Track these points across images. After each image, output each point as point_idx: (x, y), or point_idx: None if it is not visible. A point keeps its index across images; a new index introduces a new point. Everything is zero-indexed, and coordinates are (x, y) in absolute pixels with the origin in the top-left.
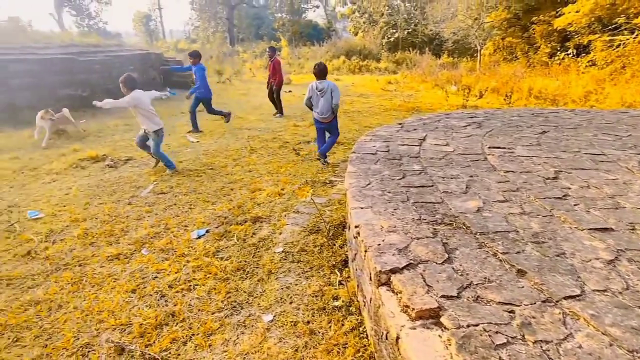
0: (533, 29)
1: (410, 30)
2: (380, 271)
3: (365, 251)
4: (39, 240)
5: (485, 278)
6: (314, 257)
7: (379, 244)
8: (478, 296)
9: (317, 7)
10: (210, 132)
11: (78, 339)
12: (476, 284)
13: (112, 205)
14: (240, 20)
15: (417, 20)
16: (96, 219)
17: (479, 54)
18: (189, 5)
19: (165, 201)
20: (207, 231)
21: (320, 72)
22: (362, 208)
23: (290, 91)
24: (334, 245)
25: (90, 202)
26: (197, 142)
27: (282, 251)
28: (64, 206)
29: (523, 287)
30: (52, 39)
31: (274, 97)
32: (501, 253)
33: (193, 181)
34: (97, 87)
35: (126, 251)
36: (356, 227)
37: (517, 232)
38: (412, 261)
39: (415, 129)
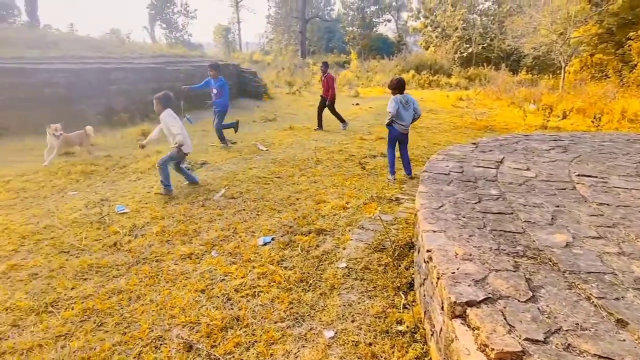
0: (629, 45)
1: (485, 45)
2: (454, 302)
3: (438, 278)
4: (124, 234)
5: (577, 324)
6: (377, 277)
7: (454, 272)
8: (569, 344)
9: (389, 21)
10: (279, 141)
11: (152, 330)
12: (566, 330)
13: (187, 206)
14: (312, 33)
15: (493, 35)
16: (172, 218)
17: (562, 71)
18: (265, 19)
19: (234, 206)
20: (273, 239)
21: (402, 86)
22: (434, 231)
23: (357, 104)
24: (399, 266)
25: (168, 201)
26: (267, 150)
27: (346, 267)
28: (146, 203)
29: (624, 340)
30: (145, 49)
31: (331, 112)
32: (596, 297)
33: (261, 188)
34: (180, 94)
35: (198, 251)
36: (428, 251)
37: (615, 275)
38: (490, 295)
39: (491, 150)
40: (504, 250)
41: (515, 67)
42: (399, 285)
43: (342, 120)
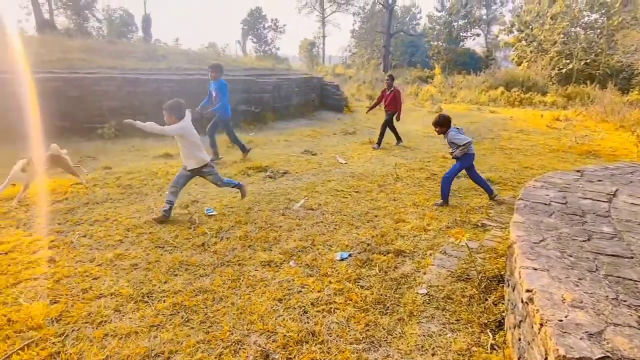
0: None
1: (588, 60)
2: (563, 356)
3: (541, 324)
4: (211, 235)
5: None
6: (461, 308)
7: (561, 320)
8: None
9: (478, 35)
10: (358, 155)
11: (232, 333)
12: None
13: (269, 214)
14: (395, 47)
15: (599, 50)
16: (255, 224)
17: None
18: (349, 34)
19: (313, 217)
20: (350, 255)
21: (449, 122)
22: (535, 269)
23: None
24: (486, 300)
25: (251, 207)
26: (346, 163)
27: (426, 293)
28: (232, 208)
29: None
30: (238, 62)
31: (389, 127)
32: None
33: (339, 202)
34: (267, 105)
35: (277, 260)
36: (528, 291)
37: None
38: (609, 354)
39: (600, 180)
40: (624, 301)
41: (626, 86)
42: (486, 322)
43: (398, 138)
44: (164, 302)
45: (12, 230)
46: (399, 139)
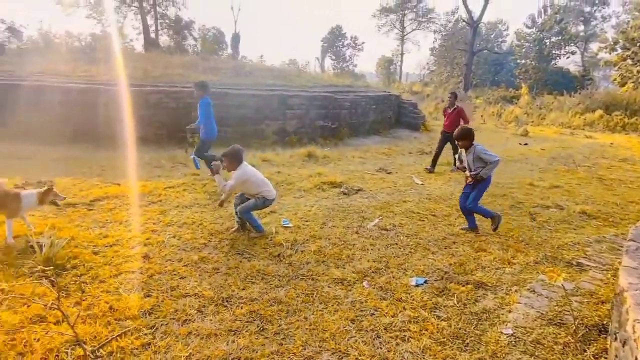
0: None
1: None
2: None
3: None
4: (286, 247)
5: None
6: (554, 357)
7: None
8: None
9: (573, 53)
10: (436, 175)
11: (305, 349)
12: None
13: (342, 230)
14: (477, 65)
15: None
16: (328, 239)
17: None
18: (429, 51)
19: (387, 238)
20: (426, 281)
21: (472, 136)
22: None
23: (525, 144)
24: (585, 351)
25: (325, 222)
26: (422, 184)
27: (512, 334)
28: (307, 221)
29: None
30: (318, 79)
31: (453, 148)
32: None
33: (415, 224)
34: (343, 121)
35: (350, 278)
36: None
37: None
38: None
39: None
40: None
41: None
42: None
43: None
44: (242, 308)
45: (116, 226)
46: (433, 165)
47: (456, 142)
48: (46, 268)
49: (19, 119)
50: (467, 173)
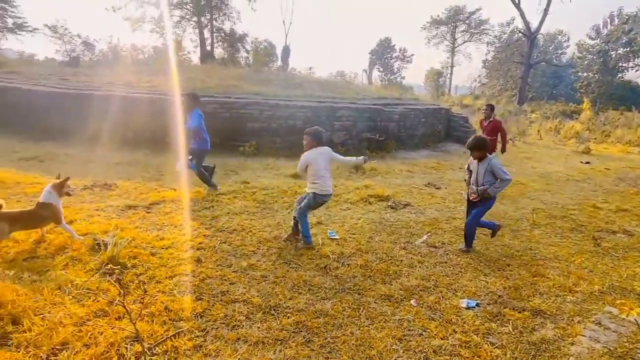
0: None
1: None
2: None
3: None
4: (333, 259)
5: None
6: None
7: None
8: None
9: None
10: None
11: None
12: None
13: (389, 245)
14: (533, 78)
15: None
16: (375, 254)
17: None
18: (481, 63)
19: (436, 256)
20: (478, 304)
21: (485, 146)
22: None
23: (587, 162)
24: None
25: (372, 236)
26: None
27: None
28: (353, 234)
29: None
30: (367, 91)
31: None
32: None
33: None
34: (391, 134)
35: (397, 295)
36: None
37: None
38: None
39: None
40: None
41: None
42: None
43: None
44: (289, 318)
45: (171, 229)
46: None
47: (470, 152)
48: (114, 267)
49: (89, 125)
50: (473, 187)
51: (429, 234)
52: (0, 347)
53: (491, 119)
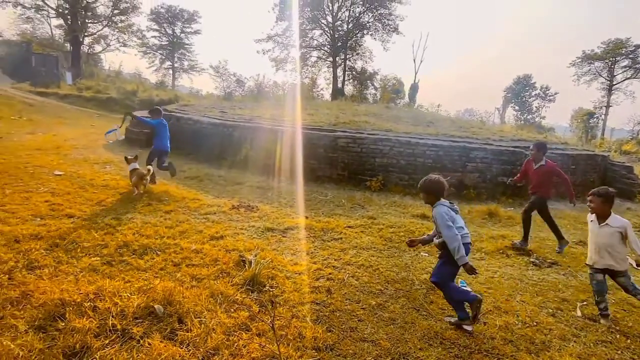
0: None
1: None
2: None
3: None
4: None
5: None
6: None
7: None
8: None
9: None
10: None
11: None
12: None
13: (534, 309)
14: None
15: None
16: (517, 316)
17: None
18: None
19: (596, 332)
20: None
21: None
22: None
23: None
24: None
25: (512, 295)
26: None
27: None
28: (489, 289)
29: None
30: (504, 132)
31: (546, 219)
32: None
33: (637, 322)
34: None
35: None
36: None
37: None
38: None
39: None
40: None
41: None
42: None
43: (559, 236)
44: None
45: (304, 255)
46: (560, 237)
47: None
48: (255, 285)
49: (240, 152)
50: (435, 240)
51: (584, 302)
52: (170, 340)
53: (542, 162)
